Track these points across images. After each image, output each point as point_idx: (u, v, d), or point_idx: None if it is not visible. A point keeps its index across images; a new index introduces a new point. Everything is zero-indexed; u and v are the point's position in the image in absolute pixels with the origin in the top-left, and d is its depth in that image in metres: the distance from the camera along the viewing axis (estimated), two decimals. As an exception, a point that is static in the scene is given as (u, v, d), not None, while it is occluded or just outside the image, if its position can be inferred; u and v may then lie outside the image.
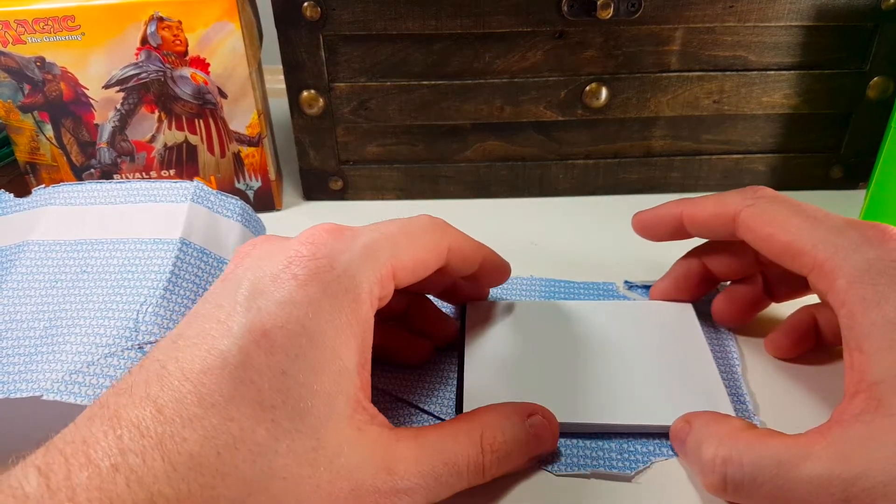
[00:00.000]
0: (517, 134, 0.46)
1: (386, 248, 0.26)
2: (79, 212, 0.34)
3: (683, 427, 0.28)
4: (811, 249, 0.27)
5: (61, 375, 0.27)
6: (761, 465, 0.24)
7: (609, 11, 0.41)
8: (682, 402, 0.30)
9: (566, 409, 0.29)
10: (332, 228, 0.25)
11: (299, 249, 0.24)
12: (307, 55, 0.43)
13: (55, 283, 0.31)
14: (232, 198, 0.35)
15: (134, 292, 0.30)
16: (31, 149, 0.44)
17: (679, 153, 0.47)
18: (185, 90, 0.42)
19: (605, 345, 0.33)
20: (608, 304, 0.36)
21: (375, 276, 0.25)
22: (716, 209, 0.31)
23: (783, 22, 0.42)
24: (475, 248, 0.31)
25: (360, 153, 0.47)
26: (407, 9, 0.41)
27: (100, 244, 0.32)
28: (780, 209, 0.29)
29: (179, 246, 0.32)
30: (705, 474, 0.26)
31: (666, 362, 0.32)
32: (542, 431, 0.28)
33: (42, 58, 0.41)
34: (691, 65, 0.44)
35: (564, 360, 0.32)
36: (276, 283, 0.23)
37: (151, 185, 0.34)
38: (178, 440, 0.20)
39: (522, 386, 0.31)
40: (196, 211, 0.33)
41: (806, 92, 0.44)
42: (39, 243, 0.32)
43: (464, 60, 0.43)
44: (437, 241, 0.28)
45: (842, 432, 0.24)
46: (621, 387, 0.31)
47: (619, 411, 0.29)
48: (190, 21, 0.40)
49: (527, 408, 0.28)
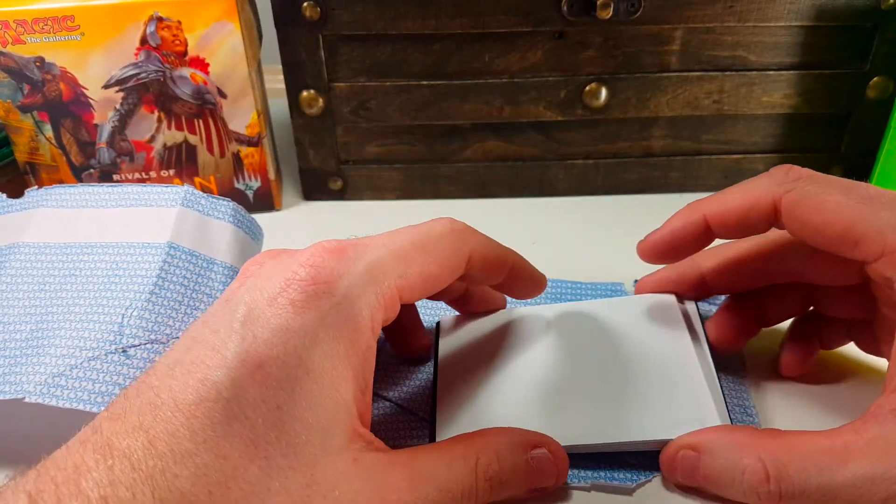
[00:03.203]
0: (517, 134, 0.46)
1: (392, 268, 0.24)
2: (70, 215, 0.33)
3: (690, 455, 0.26)
4: (876, 235, 0.25)
5: (44, 378, 0.27)
6: (808, 474, 0.24)
7: (609, 11, 0.41)
8: (668, 411, 0.28)
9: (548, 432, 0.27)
10: (334, 248, 0.24)
11: (297, 271, 0.23)
12: (307, 55, 0.43)
13: (43, 287, 0.31)
14: (223, 200, 0.34)
15: (119, 296, 0.30)
16: (31, 149, 0.44)
17: (679, 153, 0.47)
18: (184, 90, 0.42)
19: (582, 353, 0.31)
20: (584, 305, 0.33)
21: (378, 302, 0.24)
22: (748, 202, 0.28)
23: (783, 22, 0.42)
24: (502, 257, 0.29)
25: (360, 153, 0.47)
26: (407, 9, 0.41)
27: (89, 248, 0.32)
28: (828, 190, 0.26)
29: (167, 250, 0.32)
30: (749, 494, 0.25)
31: (648, 367, 0.29)
32: (545, 466, 0.26)
33: (41, 58, 0.40)
34: (691, 65, 0.44)
35: (542, 376, 0.30)
36: (272, 307, 0.22)
37: (142, 190, 0.34)
38: (170, 476, 0.19)
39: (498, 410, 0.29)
40: (186, 214, 0.33)
41: (806, 92, 0.44)
42: (29, 246, 0.32)
43: (464, 60, 0.43)
44: (453, 253, 0.26)
45: (878, 429, 0.23)
46: (603, 402, 0.28)
47: (603, 429, 0.27)
48: (189, 21, 0.40)
49: (532, 438, 0.26)
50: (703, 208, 0.29)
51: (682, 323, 0.31)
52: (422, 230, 0.26)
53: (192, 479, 0.20)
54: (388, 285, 0.24)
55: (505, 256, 0.29)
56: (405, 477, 0.23)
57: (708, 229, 0.29)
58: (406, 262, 0.25)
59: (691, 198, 0.33)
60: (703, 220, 0.29)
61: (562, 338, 0.31)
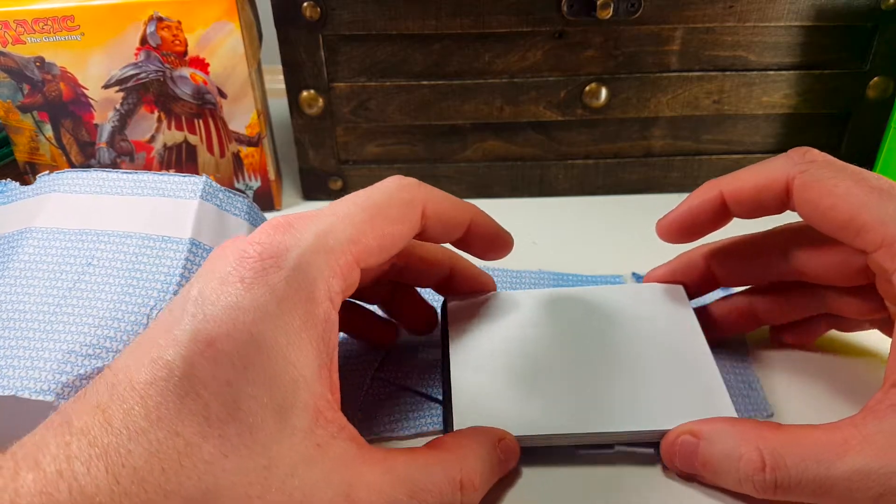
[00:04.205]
0: (517, 134, 0.46)
1: (342, 232, 0.24)
2: (84, 200, 0.33)
3: (689, 441, 0.26)
4: (879, 226, 0.25)
5: (71, 379, 0.27)
6: (804, 466, 0.24)
7: (609, 11, 0.41)
8: (680, 402, 0.28)
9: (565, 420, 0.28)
10: (280, 223, 0.23)
11: (246, 249, 0.23)
12: (307, 55, 0.43)
13: (59, 275, 0.30)
14: (240, 196, 0.34)
15: (144, 293, 0.30)
16: (31, 149, 0.44)
17: (679, 153, 0.47)
18: (184, 90, 0.42)
19: (594, 340, 0.31)
20: (596, 290, 0.33)
21: (332, 269, 0.23)
22: (762, 180, 0.28)
23: (783, 22, 0.42)
24: (459, 208, 0.28)
25: (360, 153, 0.47)
26: (407, 8, 0.41)
27: (106, 236, 0.31)
28: (840, 176, 0.26)
29: (189, 247, 0.31)
30: (745, 482, 0.25)
31: (660, 356, 0.30)
32: (509, 455, 0.27)
33: (41, 58, 0.40)
34: (691, 65, 0.44)
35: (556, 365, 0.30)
36: (223, 286, 0.22)
37: (160, 178, 0.33)
38: (124, 452, 0.19)
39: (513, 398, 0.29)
40: (205, 208, 0.32)
41: (806, 92, 0.44)
42: (42, 230, 0.31)
43: (464, 60, 0.43)
44: (406, 209, 0.25)
45: (877, 424, 0.23)
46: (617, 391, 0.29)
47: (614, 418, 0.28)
48: (189, 21, 0.40)
49: (497, 433, 0.27)
50: (720, 185, 0.29)
51: (692, 313, 0.31)
52: (369, 191, 0.25)
53: (146, 456, 0.20)
54: (342, 251, 0.23)
55: (464, 208, 0.28)
56: (377, 476, 0.22)
57: (724, 206, 0.29)
58: (356, 225, 0.24)
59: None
60: (720, 197, 0.29)
61: (572, 324, 0.32)
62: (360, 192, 0.25)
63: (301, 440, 0.21)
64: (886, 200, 0.26)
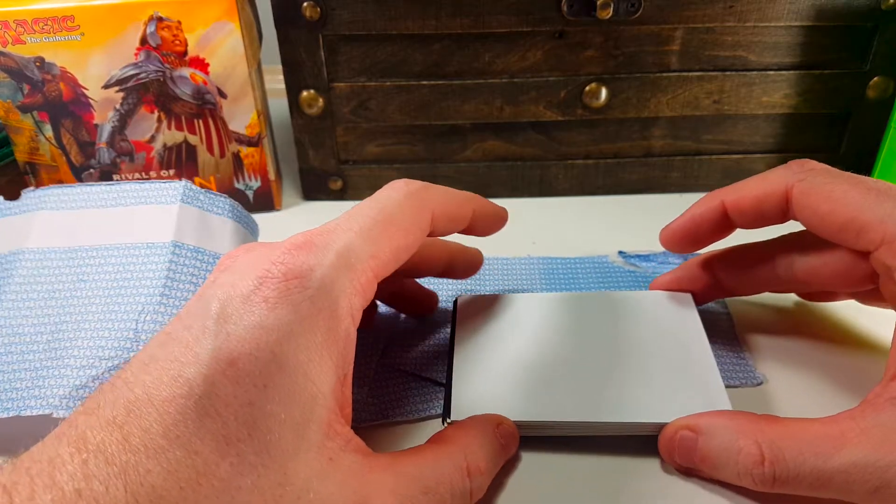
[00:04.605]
0: (517, 134, 0.46)
1: (362, 250, 0.24)
2: (70, 217, 0.33)
3: (688, 436, 0.27)
4: (878, 224, 0.26)
5: (68, 391, 0.27)
6: (803, 459, 0.24)
7: (609, 11, 0.41)
8: (679, 398, 0.28)
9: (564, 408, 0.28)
10: (301, 243, 0.24)
11: (270, 269, 0.23)
12: (307, 55, 0.43)
13: (53, 295, 0.31)
14: (221, 196, 0.35)
15: (131, 301, 0.30)
16: (31, 149, 0.44)
17: (679, 153, 0.47)
18: (184, 90, 0.42)
19: (600, 340, 0.32)
20: (604, 295, 0.34)
21: (354, 287, 0.24)
22: (762, 190, 0.29)
23: (783, 22, 0.42)
24: (463, 205, 0.29)
25: (360, 153, 0.47)
26: (407, 9, 0.41)
27: (93, 251, 0.32)
28: (836, 182, 0.27)
29: (172, 249, 0.31)
30: (744, 476, 0.25)
31: (663, 356, 0.31)
32: (509, 440, 0.27)
33: (41, 58, 0.40)
34: (691, 65, 0.44)
35: (558, 358, 0.31)
36: (246, 305, 0.22)
37: (141, 187, 0.34)
38: (142, 471, 0.19)
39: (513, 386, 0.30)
40: (187, 211, 0.33)
41: (806, 92, 0.44)
42: (34, 252, 0.32)
43: (464, 60, 0.43)
44: (417, 217, 0.26)
45: (875, 417, 0.24)
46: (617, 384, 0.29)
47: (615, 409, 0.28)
48: (189, 21, 0.40)
49: (495, 418, 0.27)
50: (721, 195, 0.30)
51: (698, 319, 0.32)
52: (381, 202, 0.26)
53: (164, 475, 0.19)
54: (363, 269, 0.24)
55: (466, 204, 0.29)
56: (389, 479, 0.23)
57: (726, 216, 0.30)
58: (374, 240, 0.25)
59: (691, 198, 0.33)
60: (722, 206, 0.30)
61: (578, 323, 0.32)
62: (371, 203, 0.26)
63: (315, 455, 0.22)
64: (884, 200, 0.26)
